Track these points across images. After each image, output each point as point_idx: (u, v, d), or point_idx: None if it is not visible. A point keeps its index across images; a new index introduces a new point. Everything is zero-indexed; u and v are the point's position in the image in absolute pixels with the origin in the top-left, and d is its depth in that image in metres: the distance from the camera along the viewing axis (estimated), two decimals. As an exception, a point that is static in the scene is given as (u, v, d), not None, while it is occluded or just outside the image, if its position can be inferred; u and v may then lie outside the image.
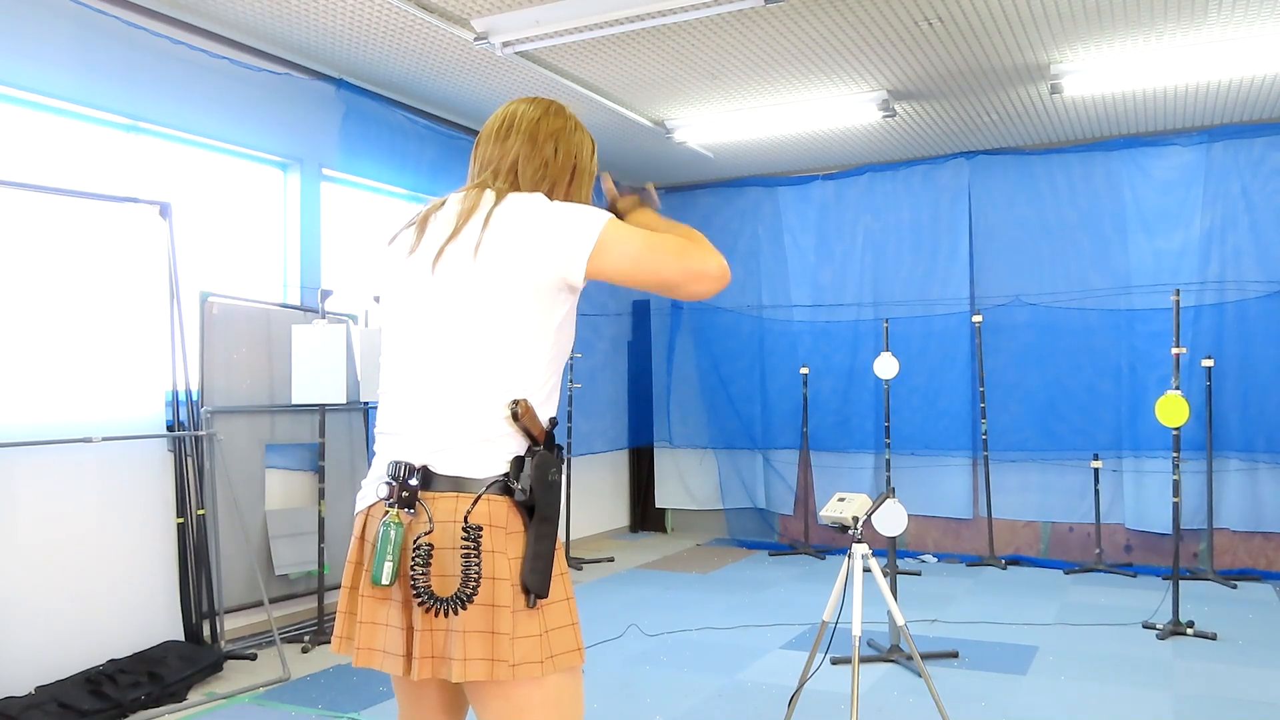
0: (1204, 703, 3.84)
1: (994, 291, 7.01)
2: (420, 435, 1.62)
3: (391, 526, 1.56)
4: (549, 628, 1.58)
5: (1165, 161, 6.54)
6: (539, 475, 1.58)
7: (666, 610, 5.48)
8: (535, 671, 1.55)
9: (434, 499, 1.58)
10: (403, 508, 1.58)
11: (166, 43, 4.50)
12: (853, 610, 3.06)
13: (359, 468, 5.37)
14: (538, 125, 1.77)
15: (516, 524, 1.58)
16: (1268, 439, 6.24)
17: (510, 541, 1.56)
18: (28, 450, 3.75)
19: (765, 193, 7.78)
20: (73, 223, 3.99)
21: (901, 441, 7.12)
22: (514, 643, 1.53)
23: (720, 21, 4.68)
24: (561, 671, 1.58)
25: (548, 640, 1.57)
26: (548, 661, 1.56)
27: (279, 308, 5.04)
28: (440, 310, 1.65)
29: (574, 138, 1.81)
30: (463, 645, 1.52)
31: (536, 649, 1.55)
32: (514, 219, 1.65)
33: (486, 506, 1.56)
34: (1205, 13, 4.61)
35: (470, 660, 1.52)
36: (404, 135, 5.84)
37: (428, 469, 1.59)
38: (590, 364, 7.65)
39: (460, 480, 1.58)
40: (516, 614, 1.54)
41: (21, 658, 3.68)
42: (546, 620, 1.58)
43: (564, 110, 1.83)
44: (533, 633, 1.55)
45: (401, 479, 1.59)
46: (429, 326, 1.66)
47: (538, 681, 1.56)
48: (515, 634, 1.53)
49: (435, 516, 1.57)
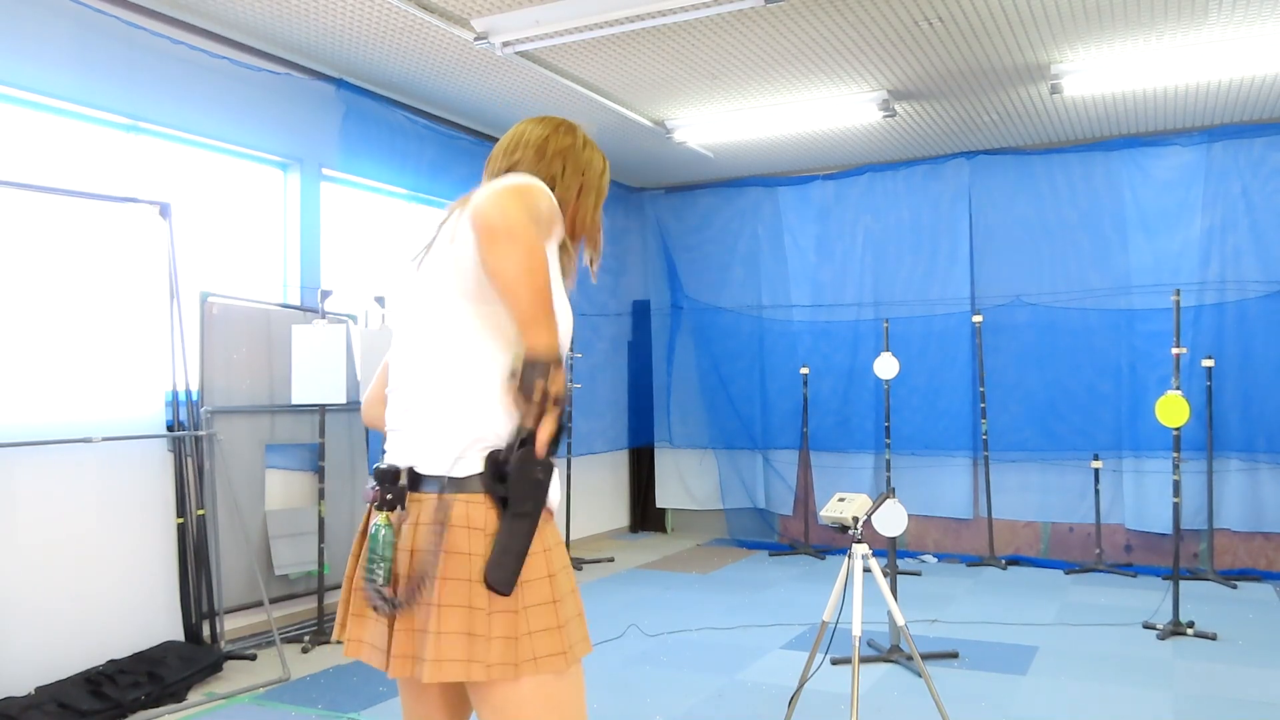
0: (1204, 703, 3.84)
1: (994, 291, 7.01)
2: (407, 435, 1.65)
3: (381, 528, 1.58)
4: (531, 629, 1.56)
5: (1165, 161, 6.54)
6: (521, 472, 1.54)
7: (666, 610, 5.48)
8: (509, 673, 1.53)
9: (420, 500, 1.60)
10: (389, 509, 1.60)
11: (166, 43, 4.50)
12: (853, 610, 3.05)
13: (359, 468, 5.37)
14: (546, 141, 1.77)
15: (494, 525, 1.56)
16: (1268, 439, 6.24)
17: (489, 544, 1.55)
18: (28, 450, 3.75)
19: (765, 193, 7.78)
20: (73, 223, 3.99)
21: (901, 441, 7.12)
22: (489, 644, 1.53)
23: (720, 21, 4.68)
24: (545, 674, 1.56)
25: (529, 642, 1.55)
26: (526, 664, 1.54)
27: (279, 308, 5.04)
28: (418, 309, 1.67)
29: (583, 155, 1.80)
30: (436, 646, 1.52)
31: (512, 651, 1.54)
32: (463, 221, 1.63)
33: (464, 508, 1.56)
34: (1205, 13, 4.61)
35: (445, 661, 1.52)
36: (404, 135, 5.84)
37: (413, 470, 1.61)
38: (590, 364, 7.64)
39: (440, 480, 1.59)
40: (493, 615, 1.53)
41: (21, 658, 3.68)
42: (529, 623, 1.56)
43: (575, 128, 1.81)
44: (507, 634, 1.54)
45: (387, 482, 1.61)
46: (411, 325, 1.69)
47: (514, 684, 1.55)
48: (492, 635, 1.53)
49: (420, 518, 1.58)
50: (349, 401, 4.79)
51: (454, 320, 1.61)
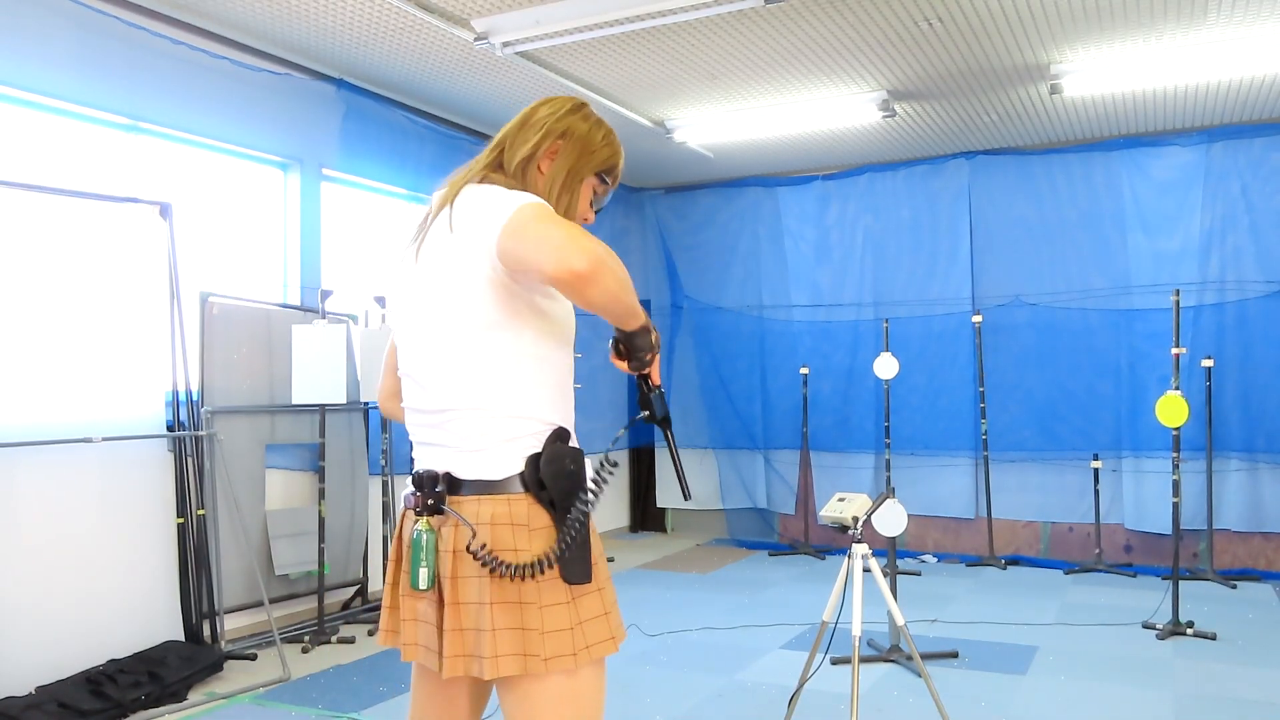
0: (1204, 703, 3.84)
1: (994, 291, 7.01)
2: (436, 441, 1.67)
3: (423, 534, 1.61)
4: (582, 619, 1.60)
5: (1165, 161, 6.54)
6: (553, 468, 1.59)
7: (666, 610, 5.48)
8: (569, 664, 1.57)
9: (460, 503, 1.62)
10: (431, 514, 1.62)
11: (166, 43, 4.50)
12: (853, 610, 3.06)
13: (359, 468, 5.37)
14: (535, 110, 1.78)
15: (540, 520, 1.59)
16: (1268, 439, 6.24)
17: (534, 539, 1.58)
18: (28, 450, 3.75)
19: (765, 193, 7.78)
20: (73, 223, 3.99)
21: (901, 441, 7.12)
22: (544, 638, 1.56)
23: (720, 21, 4.68)
24: (595, 662, 1.61)
25: (581, 631, 1.59)
26: (581, 653, 1.58)
27: (279, 308, 5.04)
28: (428, 303, 1.67)
29: (567, 119, 1.76)
30: (493, 643, 1.55)
31: (569, 642, 1.57)
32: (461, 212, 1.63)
33: (507, 506, 1.59)
34: (1205, 13, 4.61)
35: (502, 657, 1.55)
36: (404, 135, 5.84)
37: (450, 475, 1.63)
38: (590, 364, 7.63)
39: (480, 483, 1.61)
40: (545, 609, 1.56)
41: (21, 658, 3.68)
42: (580, 612, 1.60)
43: (571, 100, 1.79)
44: (563, 626, 1.57)
45: (427, 488, 1.63)
46: (423, 321, 1.68)
47: (571, 674, 1.58)
48: (545, 629, 1.56)
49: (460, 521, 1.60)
50: (349, 401, 4.79)
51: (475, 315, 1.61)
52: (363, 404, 5.28)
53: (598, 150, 1.78)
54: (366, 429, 5.46)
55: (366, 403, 5.27)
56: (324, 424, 4.88)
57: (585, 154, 1.76)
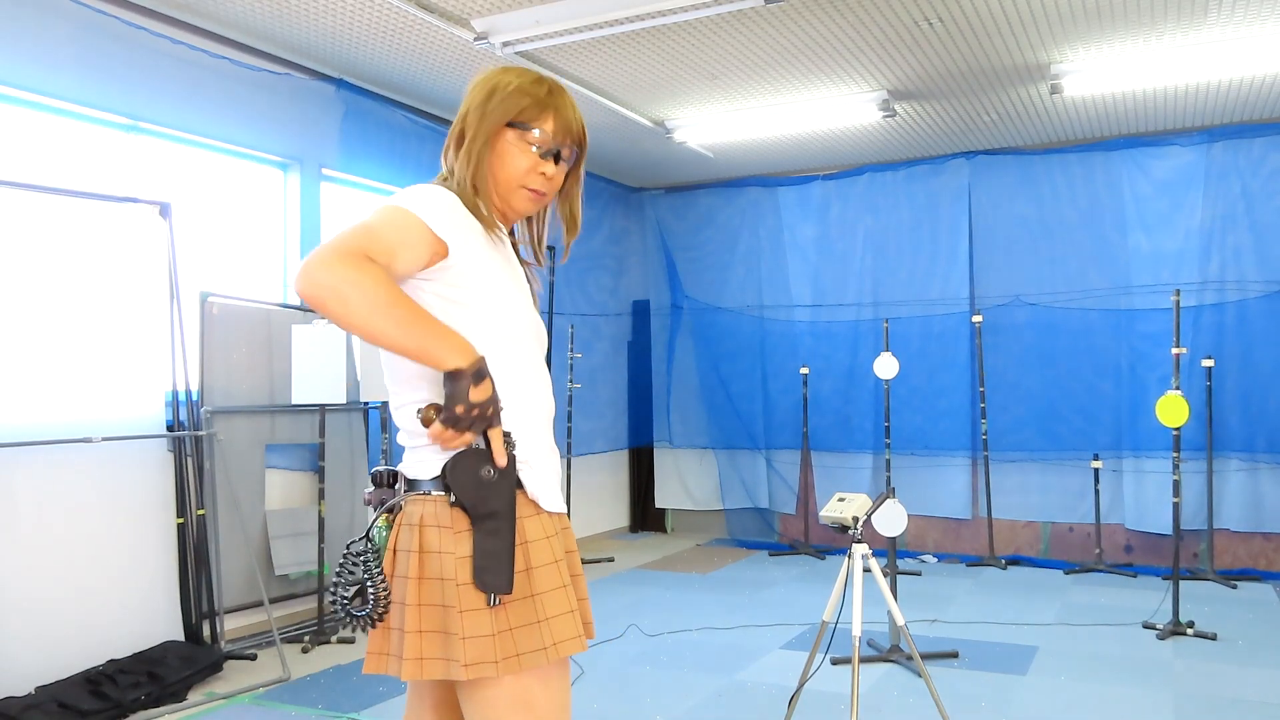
0: (1204, 703, 3.84)
1: (994, 291, 7.01)
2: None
3: (382, 529, 1.63)
4: (511, 625, 1.53)
5: (1165, 161, 6.54)
6: (462, 478, 1.54)
7: (666, 610, 5.48)
8: (489, 671, 1.51)
9: (406, 502, 1.63)
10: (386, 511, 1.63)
11: (166, 43, 4.50)
12: (853, 610, 3.05)
13: (359, 468, 5.37)
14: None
15: (463, 523, 1.55)
16: (1268, 439, 6.24)
17: (459, 541, 1.54)
18: (28, 450, 3.75)
19: (765, 193, 7.78)
20: (73, 223, 3.99)
21: (901, 441, 7.12)
22: (465, 643, 1.51)
23: (720, 21, 4.68)
24: (527, 671, 1.54)
25: (510, 638, 1.53)
26: (506, 661, 1.51)
27: (279, 308, 5.04)
28: None
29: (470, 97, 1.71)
30: (416, 645, 1.54)
31: (490, 649, 1.51)
32: None
33: (433, 507, 1.58)
34: (1205, 13, 4.61)
35: (426, 660, 1.53)
36: (404, 135, 5.84)
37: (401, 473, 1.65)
38: (590, 364, 7.65)
39: (412, 483, 1.62)
40: (465, 614, 1.51)
41: (21, 658, 3.68)
42: (509, 618, 1.54)
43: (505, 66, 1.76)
44: (484, 632, 1.51)
45: (383, 483, 1.64)
46: None
47: (495, 682, 1.53)
48: (465, 634, 1.51)
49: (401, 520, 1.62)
50: (349, 401, 4.78)
51: None
52: (362, 404, 5.28)
53: (505, 99, 1.66)
54: (366, 429, 5.46)
55: (366, 403, 5.27)
56: (324, 424, 4.88)
57: (486, 114, 1.67)
